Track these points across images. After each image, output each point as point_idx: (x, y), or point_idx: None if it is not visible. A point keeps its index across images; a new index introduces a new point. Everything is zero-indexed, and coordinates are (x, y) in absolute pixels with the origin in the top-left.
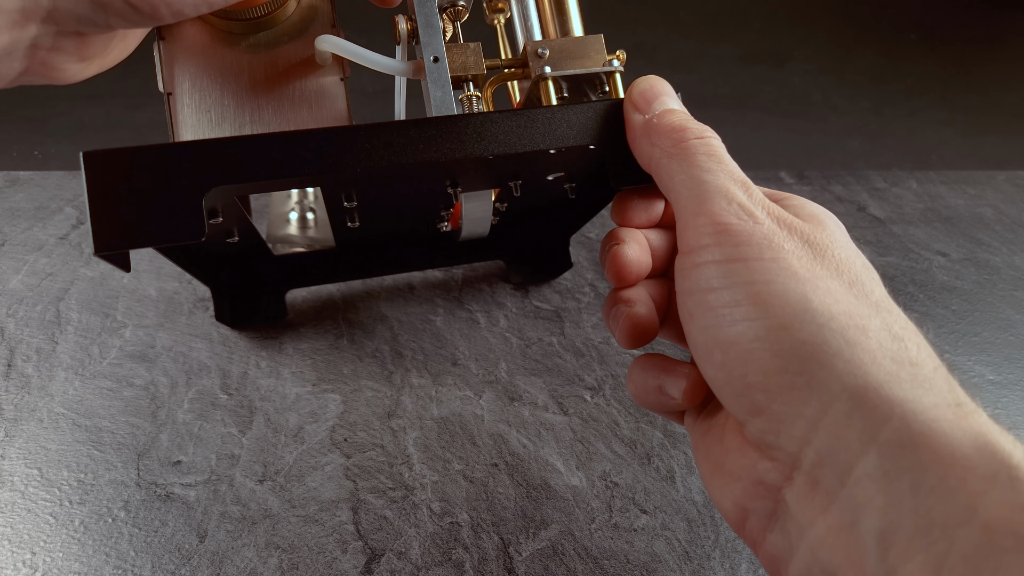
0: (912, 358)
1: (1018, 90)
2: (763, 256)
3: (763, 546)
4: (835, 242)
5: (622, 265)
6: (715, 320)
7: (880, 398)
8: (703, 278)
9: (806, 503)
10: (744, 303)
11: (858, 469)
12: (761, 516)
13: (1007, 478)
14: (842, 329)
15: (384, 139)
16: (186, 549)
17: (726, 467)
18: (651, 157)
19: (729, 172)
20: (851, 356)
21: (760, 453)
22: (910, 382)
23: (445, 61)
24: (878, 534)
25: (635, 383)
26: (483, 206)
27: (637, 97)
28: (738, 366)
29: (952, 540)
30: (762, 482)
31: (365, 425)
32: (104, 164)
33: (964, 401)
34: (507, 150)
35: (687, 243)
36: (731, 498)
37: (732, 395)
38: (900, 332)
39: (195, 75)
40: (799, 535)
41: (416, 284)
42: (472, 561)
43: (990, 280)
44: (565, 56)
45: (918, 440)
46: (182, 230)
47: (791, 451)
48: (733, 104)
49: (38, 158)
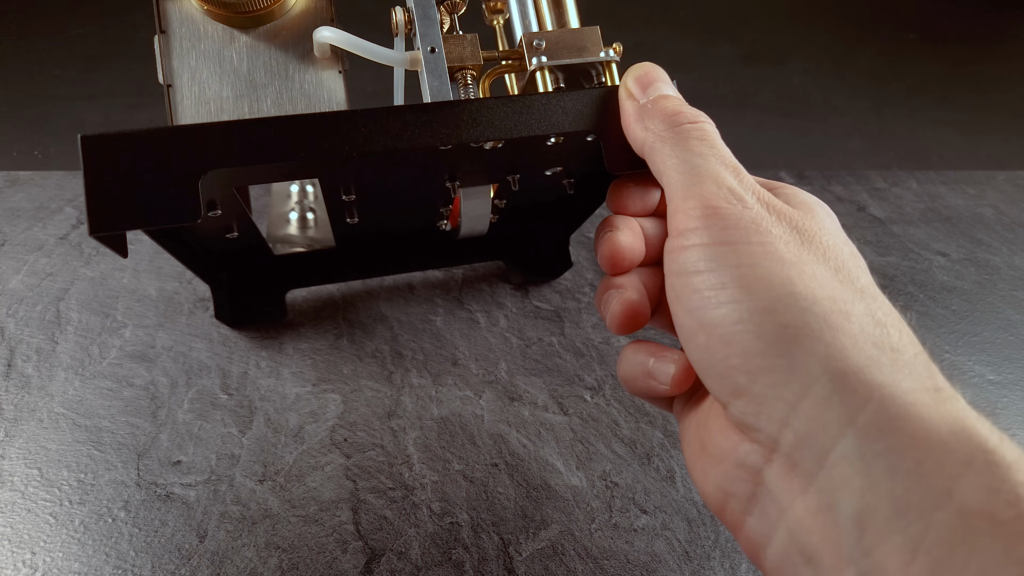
0: (893, 344)
1: (1018, 90)
2: (750, 240)
3: (743, 530)
4: (823, 229)
5: (615, 251)
6: (700, 302)
7: (860, 382)
8: (690, 260)
9: (785, 485)
10: (729, 286)
11: (836, 451)
12: (741, 499)
13: (983, 462)
14: (825, 313)
15: (380, 124)
16: (186, 549)
17: (708, 450)
18: (644, 141)
19: (721, 157)
20: (832, 340)
21: (741, 435)
22: (890, 367)
23: (442, 51)
24: (855, 516)
25: (625, 368)
26: (482, 203)
27: (632, 82)
28: (721, 348)
29: (928, 523)
30: (743, 464)
31: (365, 425)
32: (101, 147)
33: (943, 387)
34: (503, 135)
35: (676, 226)
36: (713, 481)
37: (715, 377)
38: (883, 318)
39: (194, 67)
40: (778, 517)
41: (416, 284)
42: (472, 561)
43: (990, 280)
44: (561, 47)
45: (896, 424)
46: (177, 212)
47: (771, 432)
48: (733, 104)
49: (38, 158)
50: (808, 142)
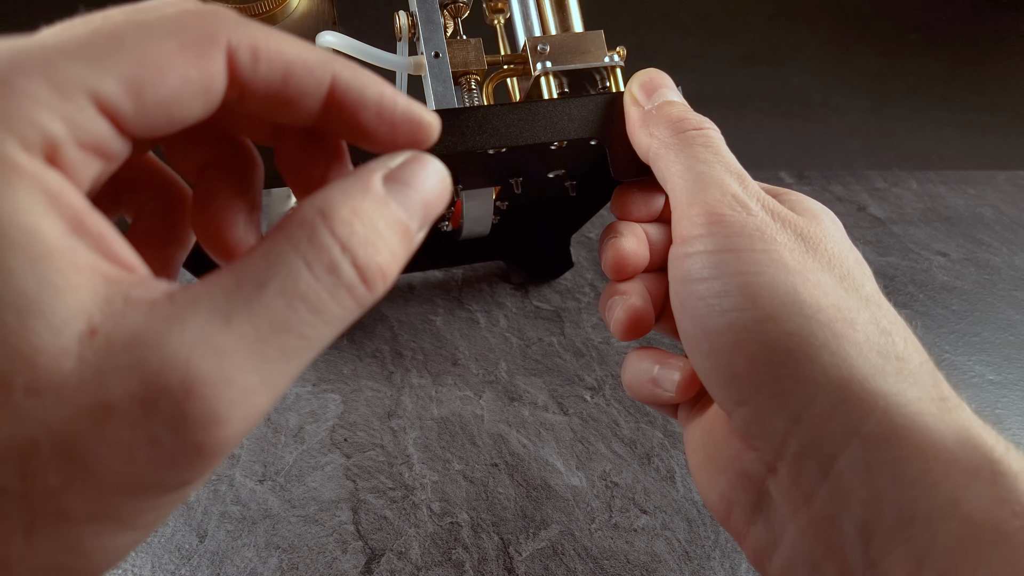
0: (899, 352)
1: (1018, 90)
2: (754, 247)
3: (747, 538)
4: (828, 236)
5: (620, 257)
6: (705, 310)
7: (864, 391)
8: (694, 267)
9: (789, 495)
10: (733, 293)
11: (840, 461)
12: (745, 508)
13: (989, 472)
14: (830, 322)
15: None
16: (186, 549)
17: (713, 459)
18: (649, 148)
19: (725, 163)
20: (837, 348)
21: (745, 444)
22: (895, 376)
23: (446, 56)
24: (860, 526)
25: (629, 375)
26: (484, 205)
27: (637, 89)
28: (725, 356)
29: (934, 533)
30: (746, 473)
31: (365, 425)
32: None
33: (948, 395)
34: (509, 143)
35: (680, 233)
36: (717, 490)
37: (719, 385)
38: (888, 327)
39: None
40: (782, 527)
41: (416, 284)
42: (472, 561)
43: (990, 280)
44: (565, 51)
45: (901, 433)
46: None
47: (775, 442)
48: (733, 104)
49: None
50: (808, 142)
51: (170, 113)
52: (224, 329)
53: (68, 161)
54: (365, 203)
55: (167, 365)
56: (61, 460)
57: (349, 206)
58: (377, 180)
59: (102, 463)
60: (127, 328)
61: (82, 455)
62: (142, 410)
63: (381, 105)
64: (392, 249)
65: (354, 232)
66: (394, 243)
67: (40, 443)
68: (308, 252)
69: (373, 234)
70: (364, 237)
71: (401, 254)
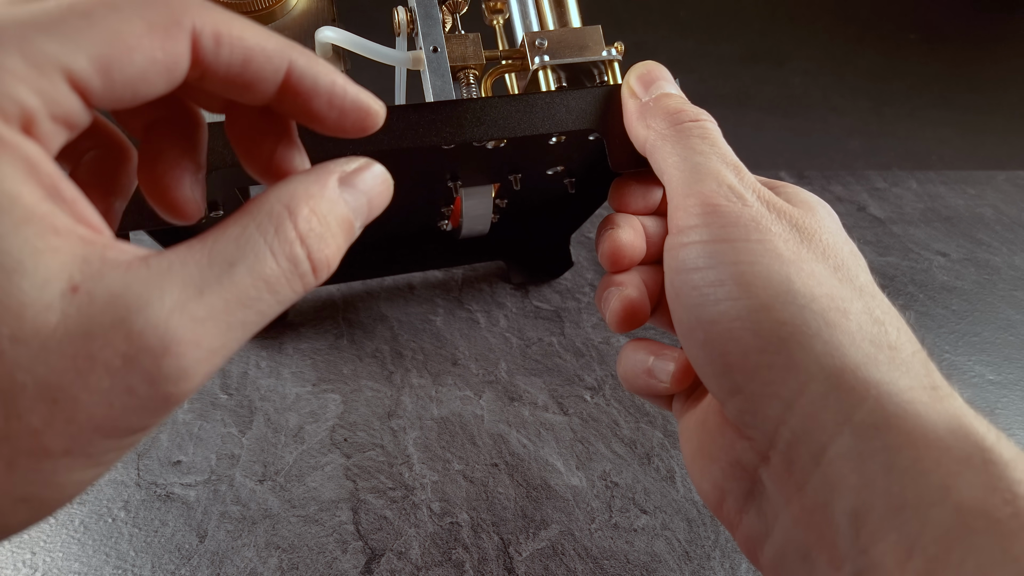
0: (891, 342)
1: (1018, 90)
2: (749, 237)
3: (740, 527)
4: (823, 227)
5: (616, 249)
6: (699, 299)
7: (856, 380)
8: (689, 257)
9: (781, 483)
10: (728, 283)
11: (832, 449)
12: (738, 497)
13: (980, 460)
14: (823, 311)
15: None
16: (186, 549)
17: (706, 448)
18: (646, 139)
19: (722, 155)
20: (830, 337)
21: (738, 433)
22: (887, 364)
23: (444, 51)
24: (851, 514)
25: (625, 366)
26: (483, 203)
27: (635, 81)
28: (719, 345)
29: (924, 520)
30: (739, 462)
31: (365, 425)
32: None
33: (940, 384)
34: (507, 134)
35: (676, 223)
36: (710, 479)
37: (712, 374)
38: (881, 316)
39: None
40: (774, 515)
41: (416, 284)
42: (472, 561)
43: (990, 280)
44: (564, 46)
45: (892, 421)
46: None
47: (767, 431)
48: (733, 104)
49: None
50: (808, 142)
51: (135, 90)
52: (197, 299)
53: (42, 132)
54: (323, 204)
55: (149, 326)
56: (46, 403)
57: (310, 205)
58: (334, 182)
59: (82, 407)
60: (106, 287)
61: (65, 399)
62: (124, 363)
63: (332, 93)
64: (339, 244)
65: (312, 229)
66: (340, 239)
67: (26, 387)
68: (274, 243)
69: (327, 231)
70: (319, 233)
71: (344, 247)
